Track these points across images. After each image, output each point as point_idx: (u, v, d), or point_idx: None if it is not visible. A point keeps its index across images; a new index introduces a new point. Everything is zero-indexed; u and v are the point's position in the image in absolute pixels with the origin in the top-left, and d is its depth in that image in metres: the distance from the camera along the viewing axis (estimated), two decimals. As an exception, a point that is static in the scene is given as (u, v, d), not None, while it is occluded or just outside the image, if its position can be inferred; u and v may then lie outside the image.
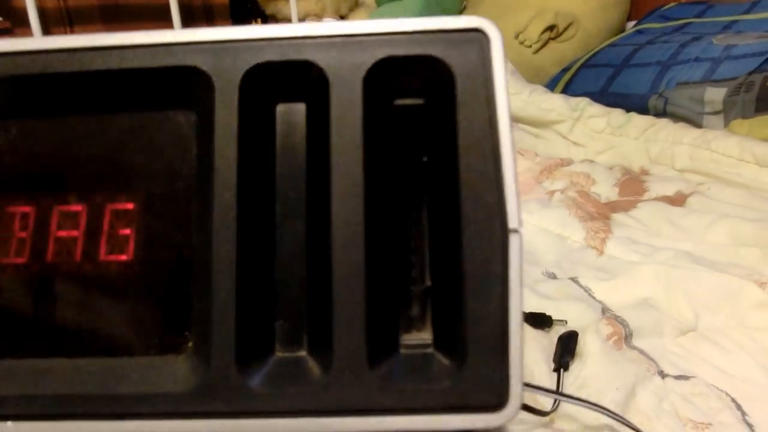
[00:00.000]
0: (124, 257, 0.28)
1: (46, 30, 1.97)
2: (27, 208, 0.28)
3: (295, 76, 0.28)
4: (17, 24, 1.94)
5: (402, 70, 0.28)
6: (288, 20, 2.33)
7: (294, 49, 0.27)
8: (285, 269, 0.28)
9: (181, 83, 0.28)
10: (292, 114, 0.29)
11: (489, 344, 0.25)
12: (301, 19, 2.29)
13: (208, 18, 2.47)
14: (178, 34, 0.28)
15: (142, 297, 0.28)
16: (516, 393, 0.25)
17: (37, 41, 0.28)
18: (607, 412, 0.48)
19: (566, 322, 0.66)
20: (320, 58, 0.27)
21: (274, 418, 0.25)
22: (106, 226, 0.28)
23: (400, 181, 0.29)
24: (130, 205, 0.28)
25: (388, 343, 0.27)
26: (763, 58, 1.15)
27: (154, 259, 0.28)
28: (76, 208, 0.28)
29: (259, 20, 2.34)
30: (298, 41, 0.27)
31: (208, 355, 0.26)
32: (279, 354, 0.27)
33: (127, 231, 0.28)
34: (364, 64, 0.27)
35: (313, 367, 0.26)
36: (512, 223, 0.26)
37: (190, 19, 2.33)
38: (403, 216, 0.29)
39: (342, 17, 2.30)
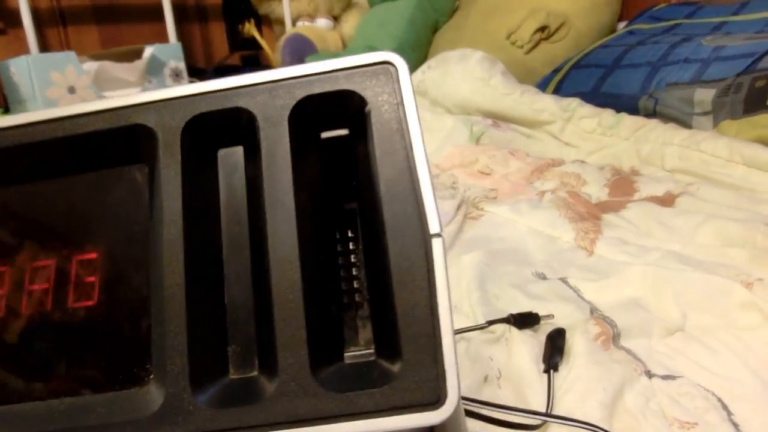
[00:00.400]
0: (90, 303, 0.30)
1: (40, 30, 1.97)
2: (3, 268, 0.31)
3: (229, 123, 0.31)
4: (10, 25, 1.94)
5: (323, 105, 0.31)
6: (281, 20, 2.33)
7: (226, 99, 0.31)
8: (234, 297, 0.30)
9: (131, 141, 0.31)
10: (232, 156, 0.32)
11: (421, 345, 0.27)
12: (294, 20, 2.29)
13: (201, 18, 2.47)
14: (126, 99, 0.31)
15: (107, 337, 0.30)
16: (453, 388, 0.26)
17: (5, 120, 0.32)
18: (599, 430, 0.49)
19: (553, 316, 0.67)
20: (249, 104, 0.30)
21: None
22: (73, 276, 0.31)
23: (333, 205, 0.32)
24: (93, 255, 0.31)
25: (331, 355, 0.29)
26: (751, 59, 1.16)
27: (116, 301, 0.30)
28: (46, 263, 0.31)
29: (252, 20, 2.33)
30: (230, 91, 0.31)
31: (165, 382, 0.28)
32: (233, 376, 0.29)
33: (92, 278, 0.31)
34: (287, 105, 0.30)
35: (264, 384, 0.28)
36: (433, 228, 0.28)
37: (183, 20, 2.33)
38: (338, 237, 0.31)
39: (335, 17, 2.30)
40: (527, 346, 0.61)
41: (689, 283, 0.69)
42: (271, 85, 0.31)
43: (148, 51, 1.82)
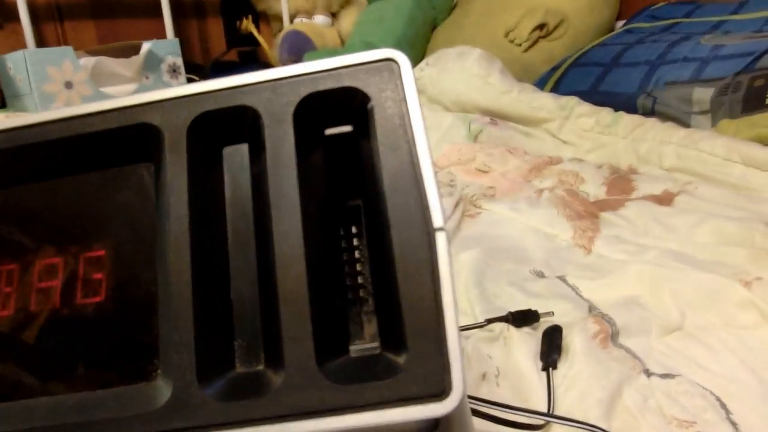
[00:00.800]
0: (98, 299, 0.31)
1: (37, 25, 1.96)
2: (12, 266, 0.32)
3: (234, 121, 0.31)
4: (7, 19, 1.93)
5: (326, 102, 0.31)
6: (279, 16, 2.32)
7: (231, 97, 0.31)
8: (240, 293, 0.31)
9: (137, 139, 0.32)
10: (237, 154, 0.32)
11: (426, 337, 0.27)
12: (292, 16, 2.28)
13: (199, 14, 2.46)
14: (132, 98, 0.32)
15: (116, 333, 0.31)
16: (458, 380, 0.27)
17: (14, 120, 0.32)
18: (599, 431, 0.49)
19: (553, 313, 0.67)
20: (254, 102, 0.31)
21: (233, 428, 0.27)
22: (81, 273, 0.31)
23: (337, 201, 0.32)
24: (101, 252, 0.32)
25: (336, 348, 0.29)
26: (750, 59, 1.16)
27: (124, 297, 0.31)
28: (55, 260, 0.32)
29: (250, 17, 2.33)
30: (234, 90, 0.31)
31: (173, 376, 0.28)
32: (239, 370, 0.30)
33: (100, 275, 0.31)
34: (291, 102, 0.31)
35: (270, 377, 0.28)
36: (436, 222, 0.28)
37: (181, 15, 2.33)
38: (342, 233, 0.32)
39: (333, 14, 2.30)
40: (526, 344, 0.61)
41: (688, 282, 0.69)
42: (275, 83, 0.31)
43: (146, 46, 1.82)
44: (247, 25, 2.34)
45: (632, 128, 1.16)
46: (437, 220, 0.28)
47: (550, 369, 0.57)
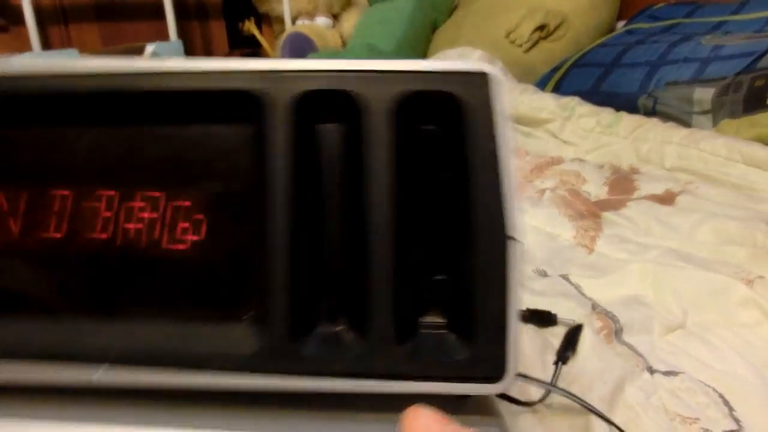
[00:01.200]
0: (197, 237, 0.33)
1: (42, 28, 1.97)
2: (112, 192, 0.34)
3: (334, 102, 0.33)
4: (13, 22, 1.94)
5: (422, 101, 0.33)
6: (281, 18, 2.33)
7: (336, 80, 0.33)
8: (329, 259, 0.34)
9: (239, 103, 0.33)
10: (330, 132, 0.34)
11: (492, 329, 0.32)
12: (294, 18, 2.29)
13: (202, 16, 2.47)
14: (242, 63, 0.33)
15: (209, 272, 0.34)
16: (512, 368, 0.32)
17: (134, 63, 0.34)
18: (593, 408, 0.50)
19: (574, 321, 0.67)
20: (356, 88, 0.33)
21: (321, 379, 0.32)
22: (183, 211, 0.34)
23: (424, 192, 0.35)
24: (201, 194, 0.34)
25: (410, 324, 0.33)
26: (751, 59, 1.16)
27: (220, 242, 0.34)
28: (156, 194, 0.34)
29: (252, 19, 2.34)
30: (340, 74, 0.33)
31: (265, 326, 0.32)
32: (322, 328, 0.33)
33: (200, 216, 0.34)
34: (393, 96, 0.33)
35: (352, 340, 0.32)
36: (513, 232, 0.32)
37: (184, 18, 2.33)
38: (424, 221, 0.35)
39: (334, 16, 2.30)
40: (531, 340, 0.62)
41: (690, 281, 0.70)
42: (379, 75, 0.33)
43: (149, 48, 1.83)
44: (249, 26, 2.35)
45: (633, 128, 1.16)
46: (513, 231, 0.32)
47: (560, 363, 0.58)
